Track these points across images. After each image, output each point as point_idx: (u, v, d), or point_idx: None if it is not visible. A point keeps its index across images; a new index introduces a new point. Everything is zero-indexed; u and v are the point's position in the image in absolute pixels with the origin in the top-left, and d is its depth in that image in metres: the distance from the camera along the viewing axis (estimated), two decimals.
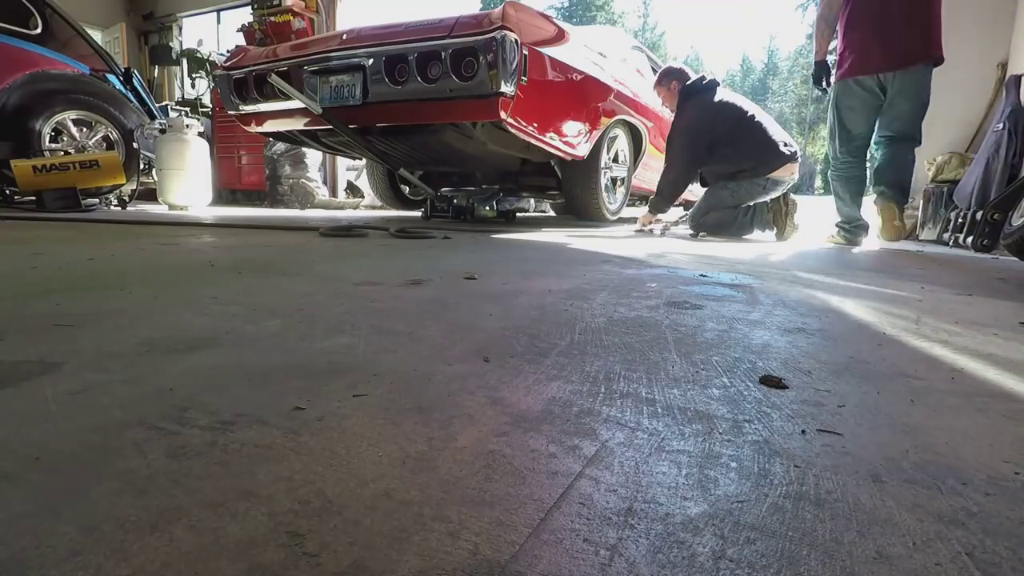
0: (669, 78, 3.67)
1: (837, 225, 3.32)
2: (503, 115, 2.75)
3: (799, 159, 3.56)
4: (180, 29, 8.73)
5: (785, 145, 3.44)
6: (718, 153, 3.42)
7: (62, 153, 4.43)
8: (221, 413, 0.58)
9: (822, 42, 3.08)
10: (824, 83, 3.20)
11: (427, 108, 2.91)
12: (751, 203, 3.48)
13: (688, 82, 3.56)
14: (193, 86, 8.01)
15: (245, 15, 7.08)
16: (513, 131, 2.91)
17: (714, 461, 0.52)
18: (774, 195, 3.44)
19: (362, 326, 0.95)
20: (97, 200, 4.41)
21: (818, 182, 45.64)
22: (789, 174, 3.44)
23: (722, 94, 3.52)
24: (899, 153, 3.09)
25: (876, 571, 0.37)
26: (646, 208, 3.72)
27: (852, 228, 3.24)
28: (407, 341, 0.87)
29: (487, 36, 2.63)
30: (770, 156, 3.39)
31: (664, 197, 3.56)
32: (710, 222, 3.51)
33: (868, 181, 3.29)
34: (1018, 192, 2.31)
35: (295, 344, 0.84)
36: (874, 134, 3.15)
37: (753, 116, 3.47)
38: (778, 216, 3.39)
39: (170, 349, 0.79)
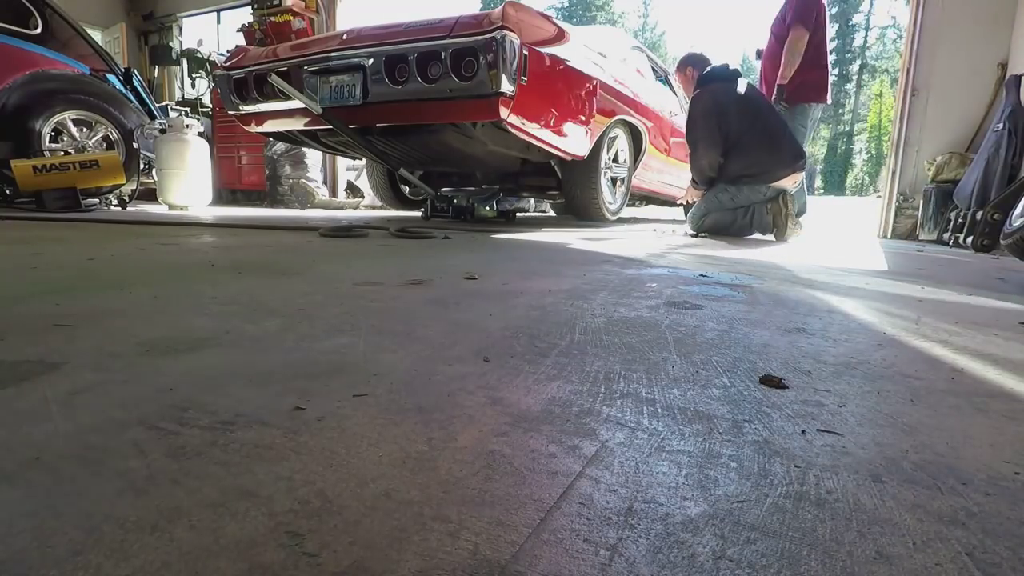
0: (687, 64, 3.67)
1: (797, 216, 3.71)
2: (503, 115, 2.74)
3: (805, 167, 3.52)
4: (180, 29, 8.72)
5: (794, 155, 3.38)
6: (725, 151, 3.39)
7: (62, 153, 4.42)
8: (221, 413, 0.58)
9: (792, 70, 3.74)
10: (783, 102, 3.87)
11: (427, 108, 2.91)
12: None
13: (707, 69, 3.55)
14: (193, 86, 8.00)
15: (245, 15, 7.07)
16: (513, 131, 2.91)
17: (714, 461, 0.52)
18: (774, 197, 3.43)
19: (362, 326, 0.95)
20: (97, 200, 4.40)
21: (819, 182, 45.62)
22: (793, 183, 3.41)
23: (742, 86, 3.46)
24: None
25: (876, 571, 0.37)
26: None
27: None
28: (407, 341, 0.87)
29: (487, 36, 2.63)
30: (777, 166, 3.33)
31: (701, 182, 3.61)
32: (709, 223, 3.50)
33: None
34: (1018, 192, 2.31)
35: (295, 344, 0.84)
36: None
37: (768, 119, 3.40)
38: (778, 217, 3.38)
39: (170, 349, 0.79)
